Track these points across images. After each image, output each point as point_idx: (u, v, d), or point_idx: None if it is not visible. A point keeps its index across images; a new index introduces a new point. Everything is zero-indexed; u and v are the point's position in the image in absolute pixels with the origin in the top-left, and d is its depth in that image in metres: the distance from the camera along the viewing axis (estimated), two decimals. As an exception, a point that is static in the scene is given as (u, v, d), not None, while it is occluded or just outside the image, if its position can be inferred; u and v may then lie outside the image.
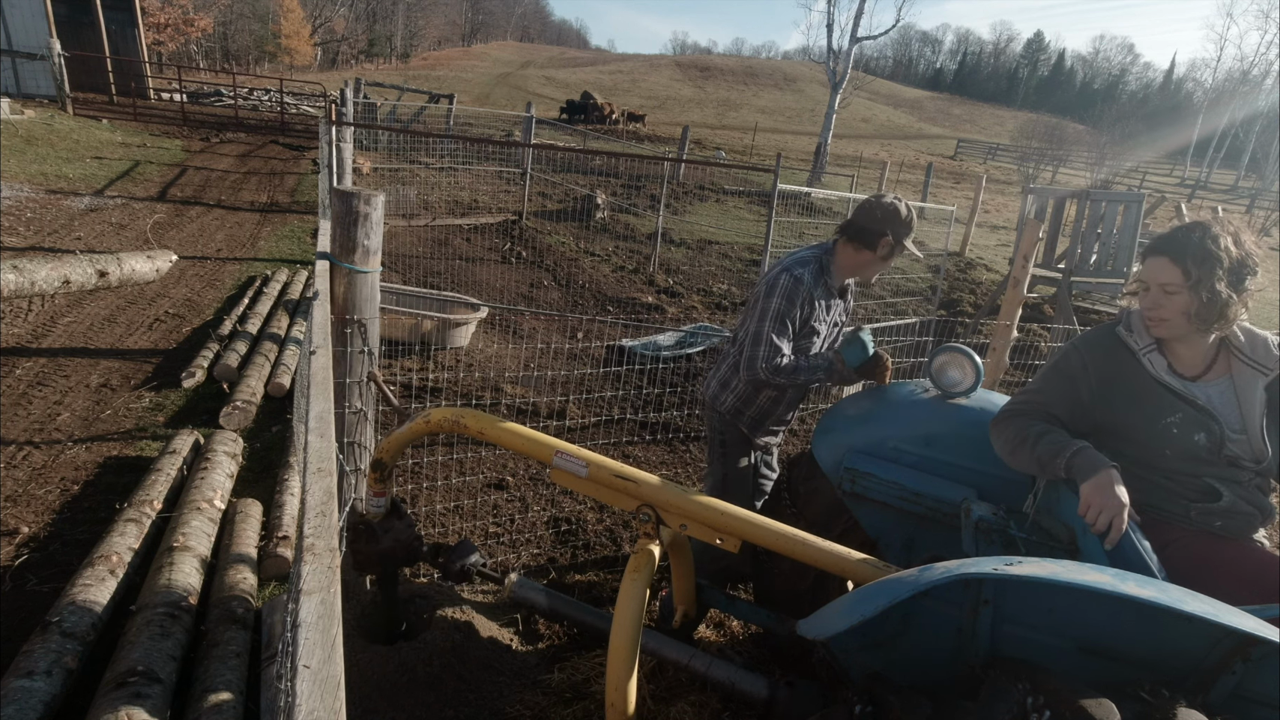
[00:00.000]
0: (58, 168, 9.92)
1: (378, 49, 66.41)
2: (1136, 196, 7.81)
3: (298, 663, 0.78)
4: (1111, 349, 1.78)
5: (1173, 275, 1.63)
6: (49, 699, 1.87)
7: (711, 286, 8.92)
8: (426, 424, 2.11)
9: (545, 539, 3.35)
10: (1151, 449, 1.70)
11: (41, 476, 3.27)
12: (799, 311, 2.44)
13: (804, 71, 73.25)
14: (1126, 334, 1.78)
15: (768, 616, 2.24)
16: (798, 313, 2.44)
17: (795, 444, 4.82)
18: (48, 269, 5.29)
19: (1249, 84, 47.50)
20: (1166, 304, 1.65)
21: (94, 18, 17.63)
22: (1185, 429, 1.67)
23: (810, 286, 2.45)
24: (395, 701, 2.15)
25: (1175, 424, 1.67)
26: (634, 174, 16.10)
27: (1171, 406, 1.68)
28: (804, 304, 2.44)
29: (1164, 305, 1.65)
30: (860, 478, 2.15)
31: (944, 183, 26.49)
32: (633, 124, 31.70)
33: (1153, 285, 1.67)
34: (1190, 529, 1.67)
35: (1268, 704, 1.21)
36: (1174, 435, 1.67)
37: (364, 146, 13.31)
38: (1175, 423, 1.67)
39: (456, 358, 5.51)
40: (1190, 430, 1.66)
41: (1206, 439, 1.65)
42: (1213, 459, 1.66)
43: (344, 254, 2.27)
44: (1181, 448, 1.67)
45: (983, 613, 1.39)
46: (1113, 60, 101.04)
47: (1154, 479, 1.71)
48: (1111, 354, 1.78)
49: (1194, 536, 1.65)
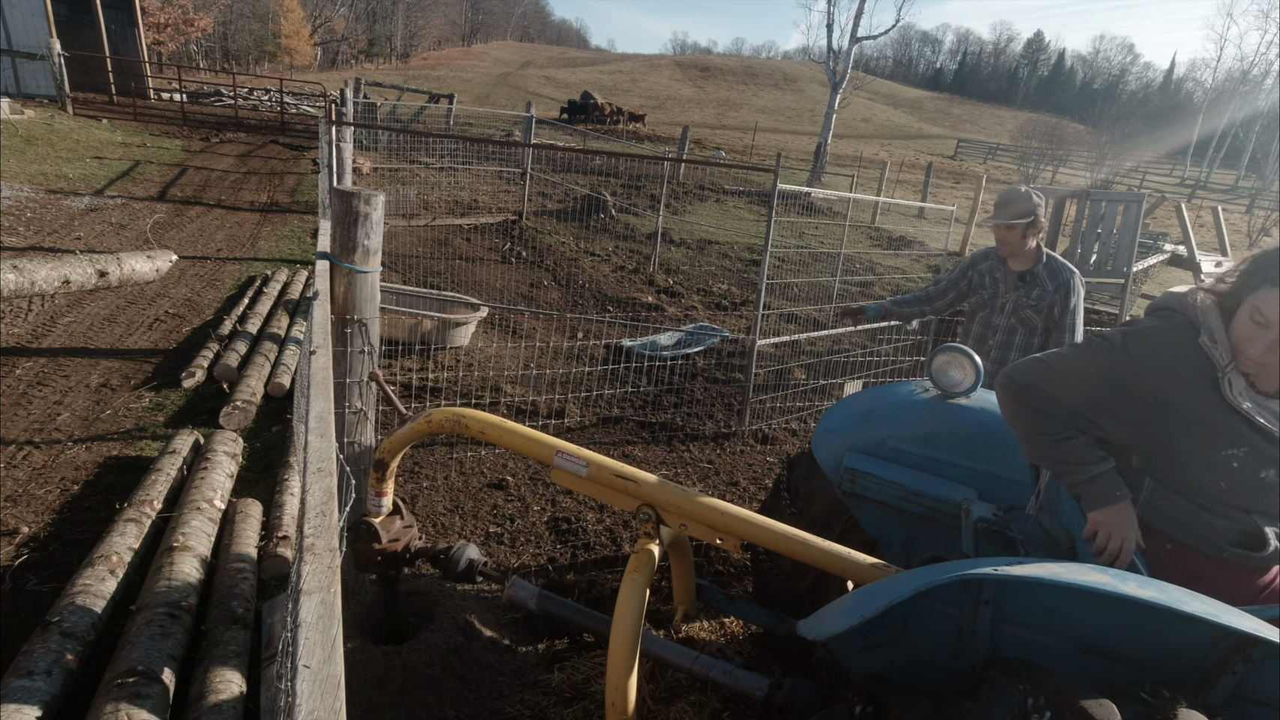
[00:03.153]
0: (58, 168, 9.91)
1: (378, 49, 66.41)
2: (1136, 196, 7.81)
3: (298, 663, 0.78)
4: (1181, 358, 1.45)
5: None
6: (49, 699, 1.87)
7: (711, 286, 8.92)
8: (428, 424, 2.12)
9: (545, 539, 3.35)
10: (1203, 478, 1.47)
11: (41, 476, 3.27)
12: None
13: (804, 71, 73.24)
14: (1211, 345, 1.42)
15: (768, 616, 2.24)
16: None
17: (795, 444, 4.82)
18: (48, 269, 5.29)
19: (1249, 84, 47.50)
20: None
21: (94, 18, 17.61)
22: (1250, 464, 1.41)
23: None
24: (395, 701, 2.15)
25: (1238, 457, 1.42)
26: (634, 174, 16.10)
27: (1239, 438, 1.42)
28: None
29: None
30: (860, 478, 2.15)
31: (944, 183, 26.49)
32: (633, 124, 31.69)
33: (1274, 326, 1.32)
34: (1221, 560, 1.48)
35: (1268, 704, 1.21)
36: (1233, 469, 1.42)
37: (364, 146, 13.31)
38: (1238, 456, 1.42)
39: (456, 358, 5.51)
40: (1257, 466, 1.41)
41: (1277, 474, 1.40)
42: (1275, 493, 1.43)
43: (344, 254, 2.27)
44: (1241, 483, 1.43)
45: (983, 613, 1.39)
46: (1113, 60, 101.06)
47: (1193, 509, 1.49)
48: (1178, 364, 1.45)
49: (1225, 568, 1.48)
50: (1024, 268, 3.05)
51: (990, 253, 3.19)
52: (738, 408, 5.04)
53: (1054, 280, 2.99)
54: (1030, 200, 2.93)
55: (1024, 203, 2.93)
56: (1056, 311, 2.99)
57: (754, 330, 4.76)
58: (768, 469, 4.38)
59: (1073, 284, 2.97)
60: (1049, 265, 3.03)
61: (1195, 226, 11.08)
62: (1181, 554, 1.51)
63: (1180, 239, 9.34)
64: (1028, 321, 3.03)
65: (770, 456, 4.57)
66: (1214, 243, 10.81)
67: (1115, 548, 1.46)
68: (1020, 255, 3.04)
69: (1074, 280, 2.98)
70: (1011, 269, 3.08)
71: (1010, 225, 2.94)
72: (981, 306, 3.20)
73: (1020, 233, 2.96)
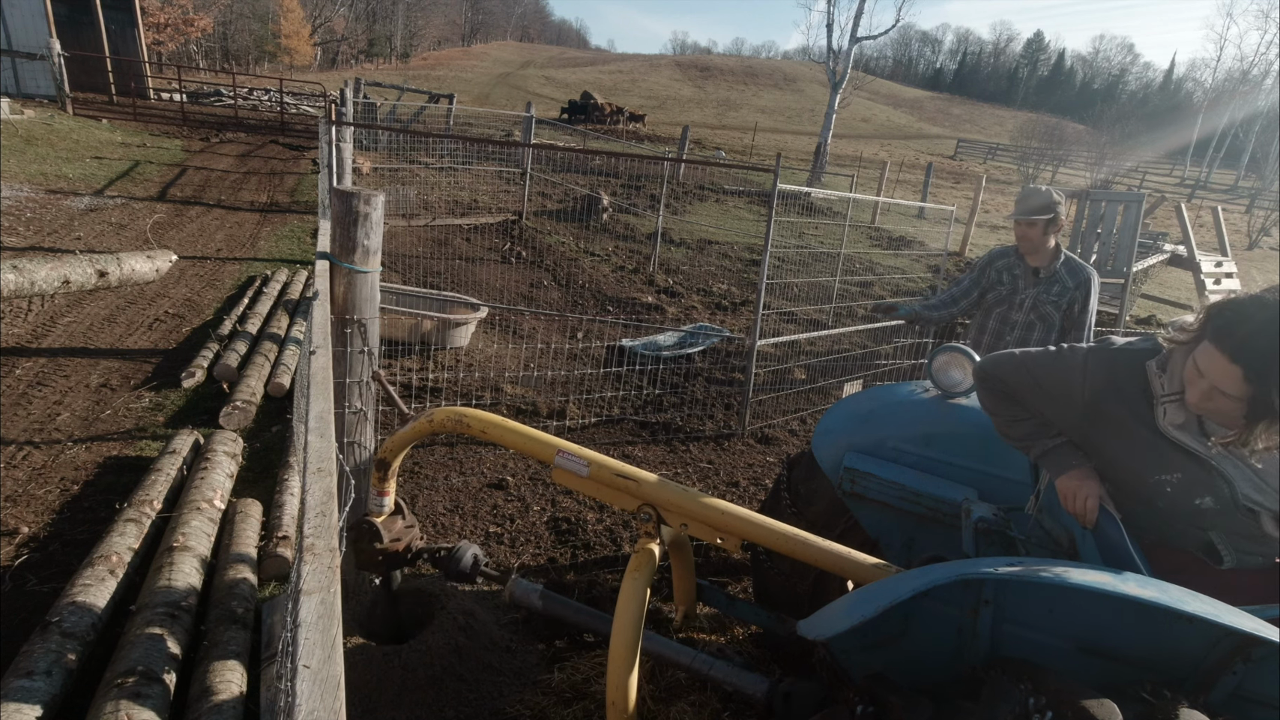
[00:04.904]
0: (57, 168, 9.91)
1: (378, 49, 66.40)
2: (1136, 196, 7.81)
3: (298, 663, 0.78)
4: (1125, 379, 1.52)
5: (1231, 379, 1.30)
6: (49, 699, 1.87)
7: (711, 286, 8.92)
8: (429, 424, 2.12)
9: (545, 539, 3.35)
10: (1141, 496, 1.53)
11: (41, 476, 3.27)
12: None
13: (804, 71, 73.24)
14: (1156, 374, 1.49)
15: (768, 616, 2.24)
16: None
17: (795, 444, 4.82)
18: (48, 269, 5.29)
19: (1249, 84, 47.53)
20: (1220, 402, 1.35)
21: (94, 18, 17.61)
22: (1184, 490, 1.45)
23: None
24: (395, 701, 2.15)
25: (1170, 483, 1.46)
26: (634, 174, 16.10)
27: (1172, 464, 1.46)
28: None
29: (1216, 401, 1.36)
30: (860, 478, 2.15)
31: (944, 183, 26.49)
32: (633, 124, 31.69)
33: (1208, 378, 1.34)
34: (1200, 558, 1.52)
35: (1268, 704, 1.21)
36: (1167, 493, 1.48)
37: (364, 146, 13.31)
38: (1170, 481, 1.46)
39: (456, 358, 5.51)
40: (1191, 493, 1.45)
41: (1214, 501, 1.44)
42: (1222, 516, 1.45)
43: (344, 254, 2.27)
44: (1175, 506, 1.48)
45: (983, 613, 1.39)
46: (1113, 60, 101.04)
47: (1151, 516, 1.55)
48: (1127, 381, 1.52)
49: (1205, 564, 1.52)
50: (1043, 264, 3.11)
51: (1008, 250, 3.25)
52: (738, 408, 5.04)
53: (1074, 278, 3.05)
54: (1051, 197, 3.00)
55: (1045, 199, 2.99)
56: (1076, 309, 3.05)
57: (754, 330, 4.76)
58: (768, 469, 4.38)
59: (1092, 283, 3.04)
60: (1068, 263, 3.09)
61: (1195, 226, 11.08)
62: (1157, 548, 1.58)
63: (1180, 239, 9.34)
64: (1047, 318, 3.09)
65: (770, 456, 4.57)
66: (1214, 243, 10.81)
67: (1080, 508, 1.54)
68: (1040, 252, 3.10)
69: (1093, 279, 3.05)
70: (1030, 265, 3.14)
71: (1031, 221, 3.00)
72: (999, 302, 3.24)
73: (1041, 229, 3.02)
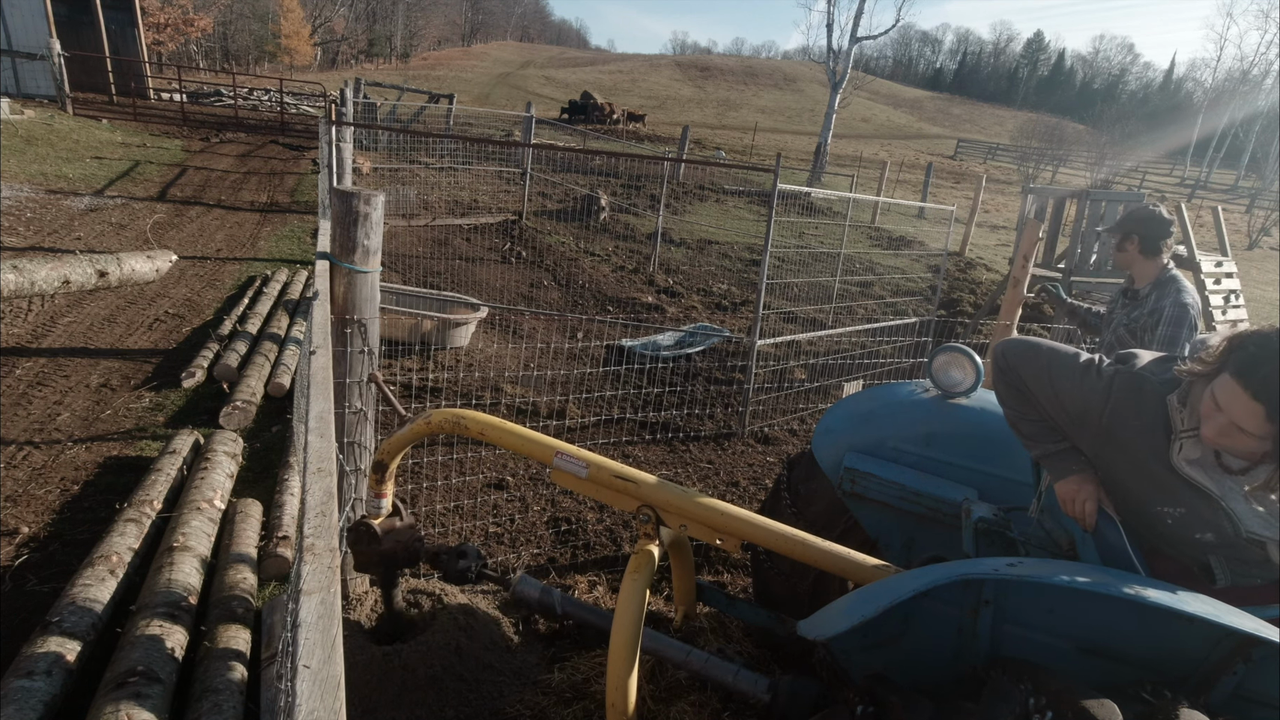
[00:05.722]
0: (58, 168, 9.91)
1: (378, 49, 66.39)
2: (1136, 196, 7.81)
3: (298, 663, 0.77)
4: (1146, 411, 1.47)
5: (1253, 417, 1.26)
6: (49, 699, 1.87)
7: (711, 286, 8.92)
8: (427, 425, 2.11)
9: (545, 539, 3.35)
10: (1141, 520, 1.52)
11: (41, 476, 3.27)
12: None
13: (804, 71, 73.23)
14: (1178, 408, 1.44)
15: (768, 616, 2.24)
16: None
17: (795, 444, 4.82)
18: (48, 269, 5.29)
19: (1249, 84, 47.50)
20: (1238, 439, 1.31)
21: (94, 18, 17.62)
22: (1187, 523, 1.43)
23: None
24: (395, 701, 2.15)
25: (1173, 515, 1.45)
26: (634, 174, 16.10)
27: (1179, 498, 1.43)
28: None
29: (1233, 438, 1.32)
30: (860, 478, 2.15)
31: (944, 183, 26.49)
32: (633, 124, 31.69)
33: (1227, 414, 1.30)
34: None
35: (1269, 704, 1.21)
36: (1168, 525, 1.46)
37: (364, 146, 13.31)
38: (1173, 514, 1.44)
39: (456, 358, 5.51)
40: (1193, 528, 1.43)
41: (1215, 536, 1.42)
42: (1221, 548, 1.44)
43: (344, 254, 2.26)
44: (1175, 536, 1.47)
45: (983, 613, 1.39)
46: (1113, 60, 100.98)
47: (1149, 537, 1.54)
48: (1143, 415, 1.47)
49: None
50: (1138, 285, 2.95)
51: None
52: (738, 408, 5.04)
53: (1154, 303, 2.81)
54: (1135, 219, 2.81)
55: (1126, 215, 2.85)
56: (1147, 338, 2.79)
57: (754, 330, 4.76)
58: (768, 469, 4.38)
59: (1164, 311, 2.76)
60: (1159, 286, 2.83)
61: (1195, 226, 11.09)
62: (1162, 561, 1.56)
63: (1180, 239, 9.34)
64: (1124, 342, 2.88)
65: (770, 456, 4.57)
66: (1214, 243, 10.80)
67: (1079, 512, 1.55)
68: (1136, 271, 2.93)
69: (1166, 307, 2.76)
70: (1132, 285, 2.98)
71: (1110, 233, 2.90)
72: (1107, 322, 3.12)
73: (1128, 247, 2.86)
